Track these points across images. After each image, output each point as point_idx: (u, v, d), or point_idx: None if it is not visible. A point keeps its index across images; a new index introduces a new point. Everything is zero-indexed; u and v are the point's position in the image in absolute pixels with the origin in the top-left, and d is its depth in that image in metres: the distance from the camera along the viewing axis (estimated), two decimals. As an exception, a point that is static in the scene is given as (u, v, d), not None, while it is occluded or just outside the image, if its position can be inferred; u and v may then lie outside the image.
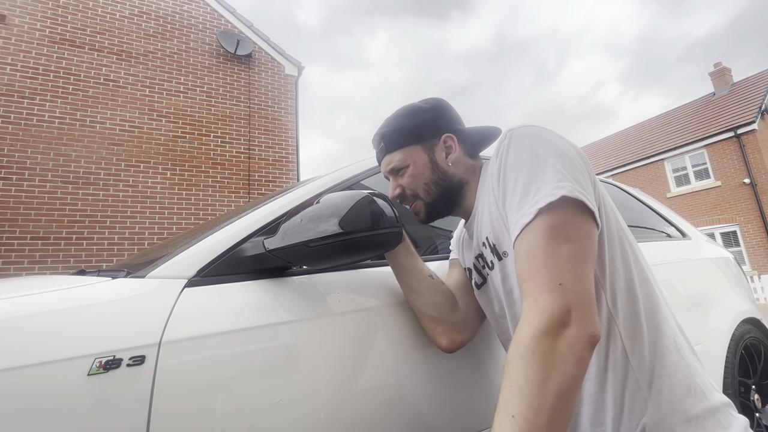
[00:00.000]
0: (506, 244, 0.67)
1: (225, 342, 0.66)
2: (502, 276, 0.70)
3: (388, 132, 0.81)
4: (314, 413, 0.70)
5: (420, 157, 0.79)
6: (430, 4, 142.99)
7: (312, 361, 0.72)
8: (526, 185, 0.59)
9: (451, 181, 0.79)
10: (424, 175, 0.79)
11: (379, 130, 0.83)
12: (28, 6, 4.68)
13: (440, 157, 0.80)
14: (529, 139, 0.63)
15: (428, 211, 0.81)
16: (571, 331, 0.49)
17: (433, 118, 0.81)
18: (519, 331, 0.52)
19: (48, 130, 4.53)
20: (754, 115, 11.53)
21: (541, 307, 0.51)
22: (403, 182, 0.80)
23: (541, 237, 0.54)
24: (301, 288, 0.79)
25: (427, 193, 0.79)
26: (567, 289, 0.51)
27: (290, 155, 5.90)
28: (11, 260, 4.15)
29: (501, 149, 0.66)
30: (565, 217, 0.55)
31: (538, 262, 0.53)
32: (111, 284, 0.67)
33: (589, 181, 0.61)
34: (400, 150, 0.80)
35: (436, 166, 0.79)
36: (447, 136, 0.80)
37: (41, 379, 0.53)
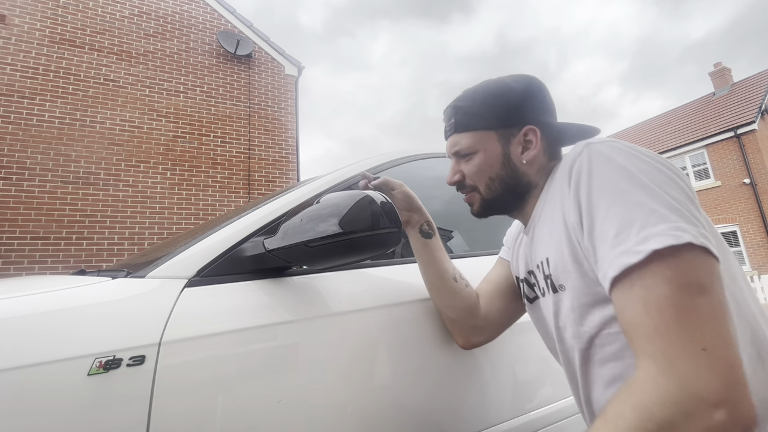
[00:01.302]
0: (565, 278, 0.58)
1: (225, 342, 0.66)
2: (554, 310, 0.63)
3: (463, 108, 0.70)
4: (314, 413, 0.70)
5: (492, 146, 0.69)
6: (432, 7, 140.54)
7: (312, 361, 0.72)
8: (625, 216, 0.48)
9: (519, 181, 0.69)
10: (492, 169, 0.69)
11: (454, 102, 0.72)
12: (28, 6, 4.68)
13: (515, 151, 0.68)
14: (622, 158, 0.52)
15: (483, 207, 0.73)
16: (721, 416, 0.38)
17: (519, 102, 0.68)
18: (642, 389, 0.42)
19: (48, 130, 4.53)
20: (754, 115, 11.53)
21: (681, 377, 0.40)
22: (465, 169, 0.71)
23: (667, 286, 0.43)
24: (301, 288, 0.79)
25: (488, 188, 0.70)
26: (715, 358, 0.40)
27: (290, 155, 5.90)
28: (11, 260, 4.15)
29: (580, 166, 0.55)
30: (695, 265, 0.44)
31: (667, 316, 0.43)
32: (111, 284, 0.67)
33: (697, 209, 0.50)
34: (472, 133, 0.69)
35: (508, 161, 0.69)
36: (529, 129, 0.68)
37: (41, 379, 0.53)
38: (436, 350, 0.86)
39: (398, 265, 0.94)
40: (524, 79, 0.70)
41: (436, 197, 1.19)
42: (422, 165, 1.17)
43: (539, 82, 0.71)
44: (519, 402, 0.94)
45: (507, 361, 0.94)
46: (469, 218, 0.94)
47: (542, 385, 0.99)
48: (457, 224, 1.24)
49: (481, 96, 0.70)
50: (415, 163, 1.15)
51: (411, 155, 1.15)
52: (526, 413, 0.94)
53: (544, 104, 0.70)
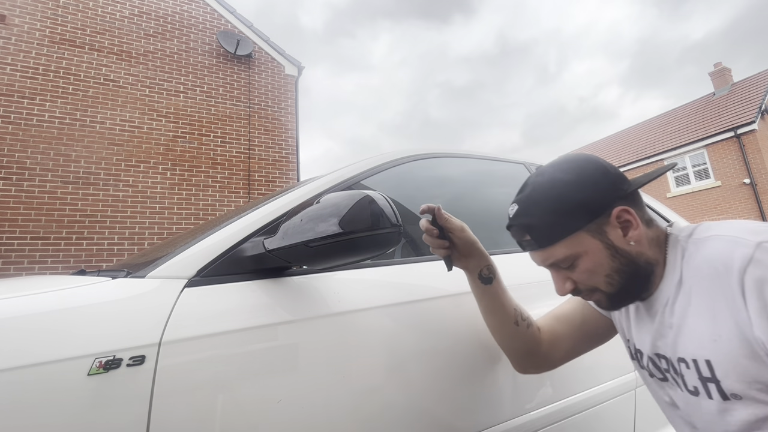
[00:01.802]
0: (745, 389, 0.55)
1: (225, 342, 0.66)
2: (717, 410, 0.58)
3: (535, 225, 0.64)
4: (314, 413, 0.70)
5: (591, 244, 0.62)
6: (433, 8, 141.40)
7: (312, 361, 0.72)
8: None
9: (638, 263, 0.63)
10: (603, 266, 0.63)
11: (520, 221, 0.66)
12: (28, 6, 4.68)
13: (616, 236, 0.62)
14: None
15: (612, 301, 0.67)
16: None
17: (595, 189, 0.62)
18: None
19: (48, 130, 4.53)
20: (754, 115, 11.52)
21: None
22: (575, 277, 0.66)
23: None
24: (301, 288, 0.79)
25: (609, 285, 0.64)
26: None
27: (290, 155, 5.90)
28: (11, 260, 4.15)
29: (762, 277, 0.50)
30: None
31: None
32: (111, 284, 0.67)
33: None
34: (560, 243, 0.63)
35: (616, 251, 0.62)
36: (621, 210, 0.62)
37: (41, 379, 0.53)
38: (436, 350, 0.86)
39: (398, 265, 0.94)
40: (576, 162, 0.65)
41: (437, 197, 1.19)
42: (422, 165, 1.17)
43: (593, 158, 0.65)
44: (519, 402, 0.94)
45: (507, 361, 0.94)
46: (469, 218, 0.94)
47: (542, 385, 0.99)
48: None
49: (546, 205, 0.63)
50: (415, 163, 1.15)
51: (411, 155, 1.15)
52: (526, 413, 0.94)
53: (613, 176, 0.64)
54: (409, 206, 1.15)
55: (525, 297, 1.03)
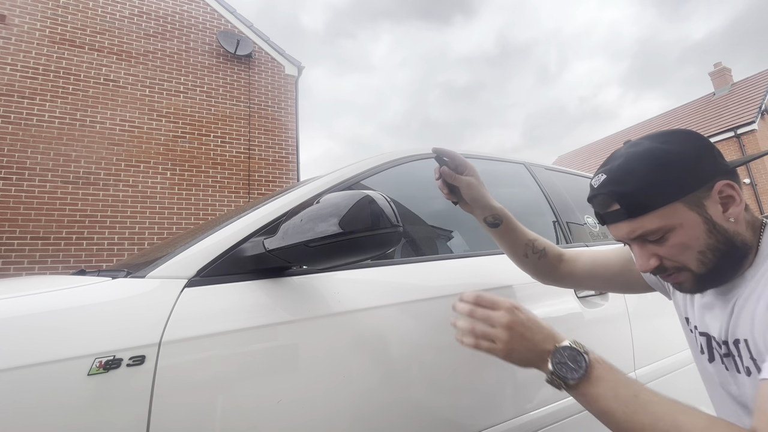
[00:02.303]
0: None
1: (225, 342, 0.66)
2: (751, 386, 0.59)
3: (628, 192, 0.60)
4: (314, 413, 0.70)
5: (688, 217, 0.58)
6: (434, 9, 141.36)
7: (312, 361, 0.72)
8: None
9: (735, 243, 0.59)
10: (699, 241, 0.59)
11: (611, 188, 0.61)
12: (28, 6, 4.68)
13: (716, 212, 0.58)
14: None
15: (700, 283, 0.62)
16: None
17: (697, 160, 0.58)
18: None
19: (48, 130, 4.53)
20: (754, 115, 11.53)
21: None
22: (663, 252, 0.61)
23: None
24: (301, 288, 0.79)
25: (701, 263, 0.60)
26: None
27: (290, 155, 5.90)
28: (11, 260, 4.15)
29: None
30: None
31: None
32: (111, 284, 0.67)
33: None
34: (653, 213, 0.59)
35: (714, 226, 0.58)
36: (725, 184, 0.58)
37: (41, 379, 0.53)
38: (436, 350, 0.86)
39: (398, 265, 0.94)
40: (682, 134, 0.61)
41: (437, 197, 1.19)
42: (423, 165, 1.17)
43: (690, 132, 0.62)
44: (519, 402, 0.94)
45: (507, 361, 0.94)
46: (469, 218, 0.94)
47: (542, 385, 0.99)
48: (458, 224, 1.24)
49: (645, 171, 0.59)
50: (415, 162, 1.15)
51: (411, 155, 1.15)
52: (526, 413, 0.94)
53: (713, 150, 0.60)
54: (409, 206, 1.15)
55: (526, 297, 1.03)
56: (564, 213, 1.42)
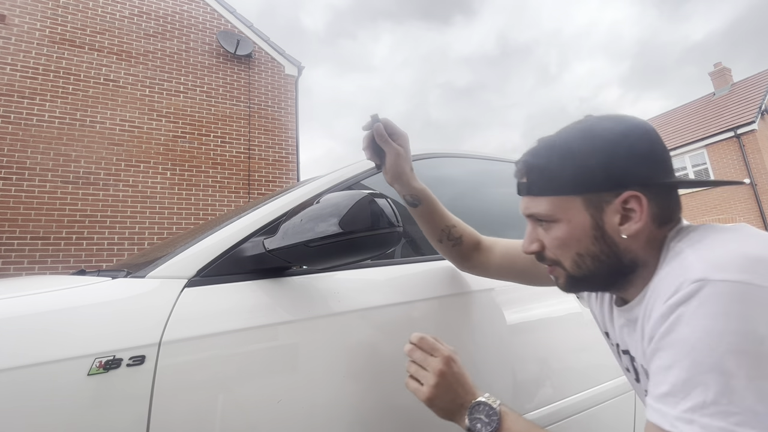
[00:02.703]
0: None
1: (225, 342, 0.66)
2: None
3: (538, 166, 0.56)
4: (314, 413, 0.70)
5: (578, 216, 0.54)
6: (435, 9, 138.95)
7: (312, 361, 0.72)
8: (684, 382, 0.41)
9: (620, 259, 0.53)
10: (580, 244, 0.54)
11: (526, 157, 0.58)
12: (28, 6, 4.68)
13: (611, 221, 0.52)
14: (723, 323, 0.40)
15: (571, 284, 0.59)
16: None
17: (619, 160, 0.51)
18: None
19: (48, 130, 4.53)
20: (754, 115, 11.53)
21: None
22: (545, 240, 0.58)
23: None
24: (301, 288, 0.79)
25: (576, 265, 0.56)
26: None
27: (290, 155, 5.90)
28: (11, 260, 4.15)
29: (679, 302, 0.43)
30: None
31: None
32: (111, 284, 0.67)
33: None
34: (549, 198, 0.55)
35: (602, 235, 0.53)
36: (631, 196, 0.51)
37: (41, 379, 0.53)
38: (436, 350, 0.86)
39: (398, 265, 0.94)
40: (625, 124, 0.53)
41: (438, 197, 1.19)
42: (422, 165, 1.17)
43: (646, 127, 0.53)
44: (519, 402, 0.94)
45: (507, 361, 0.94)
46: (470, 218, 0.94)
47: (542, 385, 0.99)
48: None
49: (562, 151, 0.54)
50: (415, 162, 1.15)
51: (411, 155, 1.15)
52: (526, 413, 0.94)
53: (654, 157, 0.52)
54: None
55: (526, 297, 1.03)
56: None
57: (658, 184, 0.52)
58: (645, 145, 0.52)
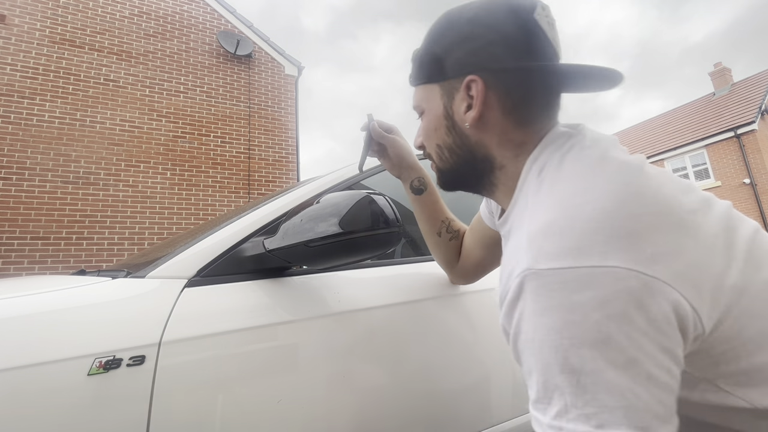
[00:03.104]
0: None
1: (225, 342, 0.66)
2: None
3: (414, 56, 0.54)
4: (314, 413, 0.70)
5: (435, 104, 0.52)
6: (435, 11, 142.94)
7: (312, 361, 0.72)
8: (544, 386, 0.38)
9: (474, 154, 0.51)
10: (437, 134, 0.53)
11: (417, 48, 0.55)
12: (28, 6, 4.68)
13: (458, 110, 0.50)
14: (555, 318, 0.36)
15: (441, 179, 0.58)
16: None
17: (462, 40, 0.48)
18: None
19: (48, 130, 4.52)
20: (754, 115, 11.53)
21: None
22: (421, 131, 0.57)
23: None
24: (301, 288, 0.79)
25: (439, 158, 0.55)
26: None
27: (290, 155, 5.90)
28: (11, 260, 4.15)
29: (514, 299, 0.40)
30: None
31: None
32: (111, 284, 0.67)
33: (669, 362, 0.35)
34: (419, 87, 0.55)
35: (453, 125, 0.51)
36: (472, 80, 0.47)
37: (41, 379, 0.53)
38: (435, 350, 0.86)
39: (398, 265, 0.94)
40: (486, 5, 0.48)
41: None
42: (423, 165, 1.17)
43: (508, 7, 0.47)
44: (519, 402, 0.94)
45: (507, 361, 0.94)
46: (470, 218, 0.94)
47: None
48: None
49: (429, 37, 0.51)
50: (415, 163, 1.15)
51: (411, 155, 1.15)
52: (526, 413, 0.94)
53: (508, 40, 0.46)
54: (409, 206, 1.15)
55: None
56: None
57: (506, 70, 0.47)
58: (501, 25, 0.46)
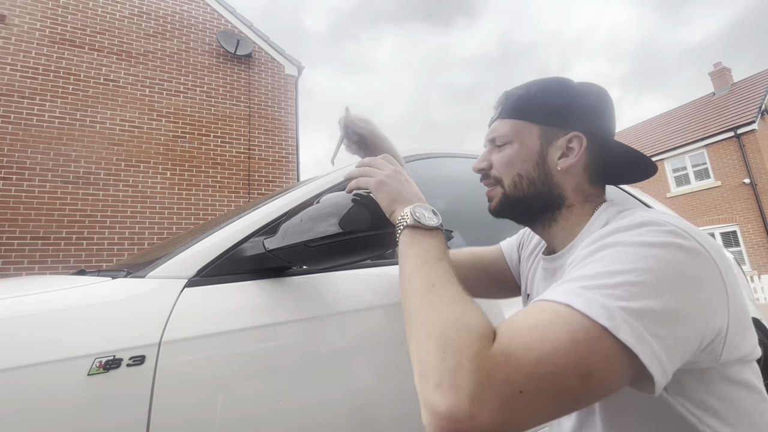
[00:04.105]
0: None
1: (225, 342, 0.66)
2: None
3: (516, 95, 0.63)
4: (314, 413, 0.70)
5: (531, 141, 0.61)
6: (436, 12, 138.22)
7: (312, 361, 0.72)
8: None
9: (551, 190, 0.61)
10: (523, 165, 0.61)
11: (510, 90, 0.66)
12: (28, 6, 4.68)
13: (553, 155, 0.60)
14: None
15: (503, 204, 0.64)
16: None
17: (573, 104, 0.61)
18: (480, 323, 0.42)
19: (48, 130, 4.52)
20: (754, 115, 11.53)
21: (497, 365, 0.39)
22: (495, 159, 0.64)
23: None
24: (301, 288, 0.79)
25: (514, 185, 0.62)
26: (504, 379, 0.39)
27: (290, 155, 5.90)
28: (11, 260, 4.15)
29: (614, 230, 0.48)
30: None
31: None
32: (111, 284, 0.67)
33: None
34: (514, 121, 0.63)
35: (543, 163, 0.61)
36: (575, 135, 0.59)
37: (41, 379, 0.53)
38: (436, 350, 0.86)
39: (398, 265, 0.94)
40: (590, 85, 0.63)
41: (439, 197, 1.19)
42: (423, 165, 1.17)
43: (606, 94, 0.63)
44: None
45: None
46: (470, 218, 0.94)
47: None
48: (459, 224, 1.24)
49: (539, 86, 0.63)
50: (415, 162, 1.15)
51: (411, 155, 1.15)
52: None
53: (603, 116, 0.62)
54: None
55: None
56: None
57: (599, 137, 0.60)
58: (601, 104, 0.62)
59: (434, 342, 0.41)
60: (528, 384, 0.36)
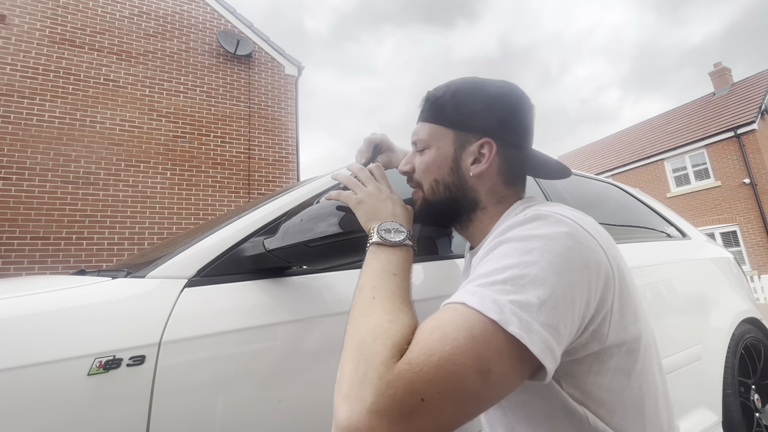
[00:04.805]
0: None
1: (225, 342, 0.66)
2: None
3: (434, 97, 0.65)
4: (314, 413, 0.70)
5: (446, 146, 0.63)
6: (437, 13, 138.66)
7: (312, 361, 0.72)
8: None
9: (465, 194, 0.63)
10: (439, 171, 0.63)
11: (431, 91, 0.66)
12: (28, 6, 4.68)
13: (466, 160, 0.62)
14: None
15: (423, 208, 0.67)
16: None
17: (487, 109, 0.61)
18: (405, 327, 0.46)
19: (48, 130, 4.52)
20: (754, 115, 11.53)
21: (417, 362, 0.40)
22: (416, 163, 0.66)
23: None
24: (301, 288, 0.79)
25: (432, 190, 0.65)
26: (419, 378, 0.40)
27: (290, 155, 5.90)
28: (11, 260, 4.15)
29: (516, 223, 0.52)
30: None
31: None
32: (111, 284, 0.67)
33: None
34: (432, 125, 0.64)
35: (457, 169, 0.62)
36: (485, 141, 0.60)
37: (41, 379, 0.53)
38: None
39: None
40: (508, 88, 0.63)
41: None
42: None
43: (522, 98, 0.63)
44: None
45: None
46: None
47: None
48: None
49: (454, 90, 0.63)
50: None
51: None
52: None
53: (516, 122, 0.62)
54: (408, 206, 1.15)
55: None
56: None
57: (511, 144, 0.62)
58: (515, 110, 0.62)
59: (353, 351, 0.42)
60: (429, 390, 0.36)
